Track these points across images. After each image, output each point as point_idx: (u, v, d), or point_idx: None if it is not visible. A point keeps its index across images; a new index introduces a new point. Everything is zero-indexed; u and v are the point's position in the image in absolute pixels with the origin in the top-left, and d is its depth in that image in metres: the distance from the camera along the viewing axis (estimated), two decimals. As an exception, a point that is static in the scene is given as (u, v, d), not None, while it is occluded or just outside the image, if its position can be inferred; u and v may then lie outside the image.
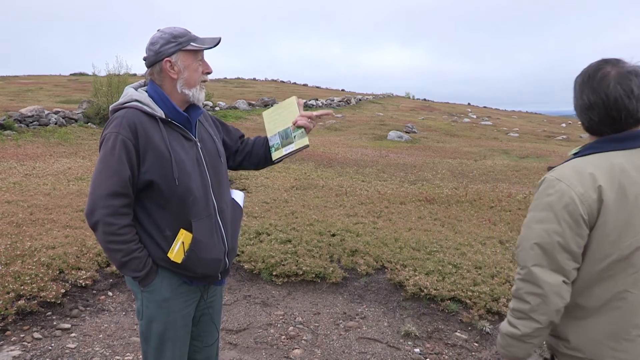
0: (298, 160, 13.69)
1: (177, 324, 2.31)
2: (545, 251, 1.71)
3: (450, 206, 8.59)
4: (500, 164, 15.66)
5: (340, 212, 7.64)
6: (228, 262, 2.39)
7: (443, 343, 4.28)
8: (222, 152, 2.44)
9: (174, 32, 2.19)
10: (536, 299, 1.71)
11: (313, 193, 9.22)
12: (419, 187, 10.67)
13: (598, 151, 1.75)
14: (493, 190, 10.44)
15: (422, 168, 13.85)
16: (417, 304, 4.82)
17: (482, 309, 4.57)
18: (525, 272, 1.74)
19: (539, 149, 22.66)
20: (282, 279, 5.21)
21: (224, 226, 2.34)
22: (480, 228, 7.12)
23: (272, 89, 46.91)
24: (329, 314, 4.71)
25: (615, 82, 1.69)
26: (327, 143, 18.96)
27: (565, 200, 1.68)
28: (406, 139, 22.56)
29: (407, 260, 5.44)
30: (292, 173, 11.60)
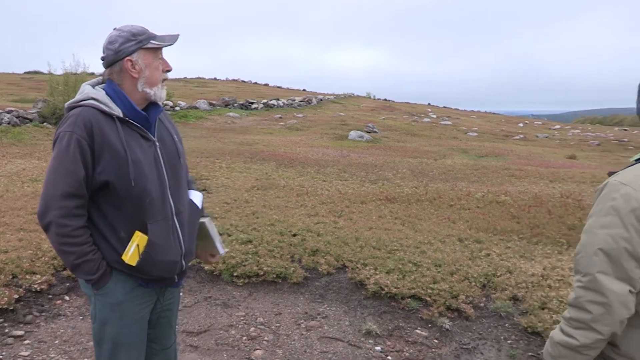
0: (259, 161, 13.64)
1: (131, 327, 2.27)
2: (611, 258, 1.60)
3: (410, 205, 8.68)
4: (460, 163, 15.88)
5: (302, 212, 7.64)
6: (185, 264, 2.35)
7: (404, 340, 4.33)
8: (181, 152, 2.40)
9: (133, 30, 2.15)
10: (599, 308, 1.61)
11: (274, 193, 9.19)
12: (380, 187, 10.75)
13: None
14: (452, 189, 10.59)
15: (382, 167, 13.95)
16: (378, 302, 4.86)
17: (441, 306, 4.63)
18: (588, 279, 1.64)
19: (497, 148, 23.07)
20: (243, 280, 5.18)
21: (181, 228, 2.30)
22: (440, 226, 7.22)
23: (233, 88, 46.59)
24: (291, 314, 4.71)
25: None
26: (288, 143, 18.93)
27: (633, 204, 1.59)
28: (367, 138, 22.68)
29: (368, 259, 5.48)
30: (253, 173, 11.54)
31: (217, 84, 52.26)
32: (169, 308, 2.48)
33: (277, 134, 23.16)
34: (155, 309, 2.40)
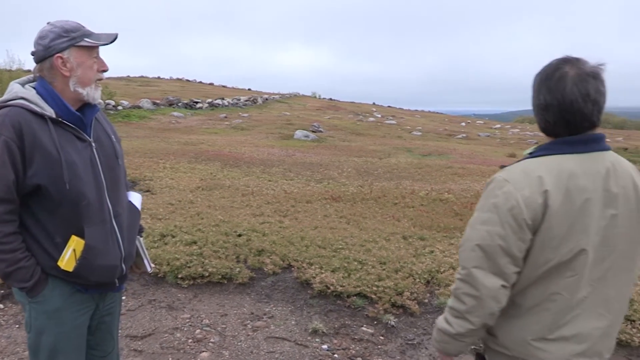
0: (204, 161, 13.47)
1: (69, 335, 2.18)
2: (487, 254, 1.67)
3: (355, 204, 8.74)
4: (404, 162, 16.10)
5: (247, 212, 7.59)
6: (125, 268, 2.28)
7: (350, 338, 4.35)
8: (120, 153, 2.32)
9: (66, 26, 2.05)
10: (472, 300, 1.70)
11: (219, 193, 9.10)
12: (325, 186, 10.79)
13: (550, 153, 1.71)
14: (397, 188, 10.73)
15: (328, 167, 14.01)
16: (324, 301, 4.87)
17: (387, 303, 4.68)
18: (465, 272, 1.71)
19: (441, 146, 23.52)
20: (188, 282, 5.10)
21: (120, 231, 2.22)
22: (385, 224, 7.30)
23: (178, 88, 45.91)
24: (237, 314, 4.66)
25: (572, 84, 1.64)
26: (233, 143, 18.79)
27: (511, 203, 1.64)
28: (312, 138, 22.72)
29: (314, 258, 5.48)
30: (197, 173, 11.39)
31: (161, 83, 51.37)
32: (110, 313, 2.41)
33: (222, 134, 22.96)
34: (96, 314, 2.32)
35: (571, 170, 1.66)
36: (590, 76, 1.65)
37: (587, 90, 1.64)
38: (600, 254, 1.70)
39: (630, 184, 1.73)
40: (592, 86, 1.64)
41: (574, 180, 1.65)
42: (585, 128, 1.69)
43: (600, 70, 1.67)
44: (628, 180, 1.73)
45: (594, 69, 1.66)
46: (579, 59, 1.68)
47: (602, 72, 1.67)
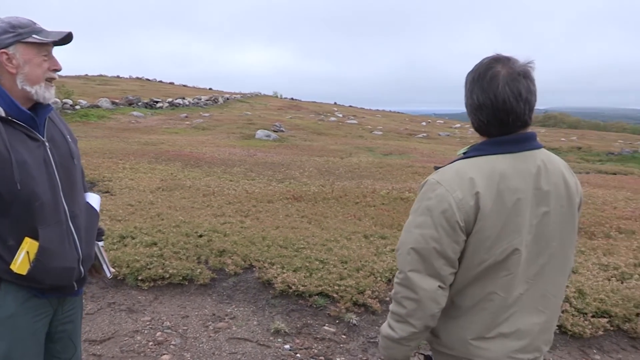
0: (164, 161, 13.31)
1: (25, 342, 2.08)
2: (422, 257, 1.67)
3: (317, 203, 8.75)
4: (365, 161, 16.20)
5: (208, 212, 7.52)
6: (83, 270, 2.20)
7: (312, 337, 4.34)
8: (75, 153, 2.23)
9: (14, 21, 1.97)
10: (412, 304, 1.70)
11: (180, 194, 8.99)
12: (287, 186, 10.78)
13: (483, 153, 1.72)
14: (358, 187, 10.78)
15: (289, 166, 14.00)
16: (286, 300, 4.85)
17: (348, 302, 4.69)
18: (403, 276, 1.71)
19: (402, 146, 23.76)
20: (149, 284, 5.02)
21: (77, 232, 2.14)
22: (346, 224, 7.33)
23: (138, 87, 45.23)
24: (198, 316, 4.61)
25: (504, 84, 1.63)
26: (194, 142, 18.60)
27: (444, 206, 1.64)
28: (274, 137, 22.69)
29: (275, 258, 5.46)
30: (158, 174, 11.24)
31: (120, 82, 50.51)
32: (71, 320, 2.31)
33: (183, 134, 22.72)
34: (55, 320, 2.23)
35: (502, 171, 1.66)
36: (522, 75, 1.65)
37: (518, 89, 1.64)
38: (534, 252, 1.73)
39: (561, 181, 1.76)
40: (524, 85, 1.65)
41: (506, 181, 1.66)
42: (517, 127, 1.70)
43: (530, 69, 1.68)
44: (559, 177, 1.76)
45: (524, 68, 1.66)
46: (510, 58, 1.68)
47: (532, 70, 1.69)
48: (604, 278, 5.45)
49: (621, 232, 7.82)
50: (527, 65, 1.68)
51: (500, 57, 1.69)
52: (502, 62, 1.67)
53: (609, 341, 4.51)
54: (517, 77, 1.64)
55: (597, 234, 7.72)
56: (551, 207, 1.73)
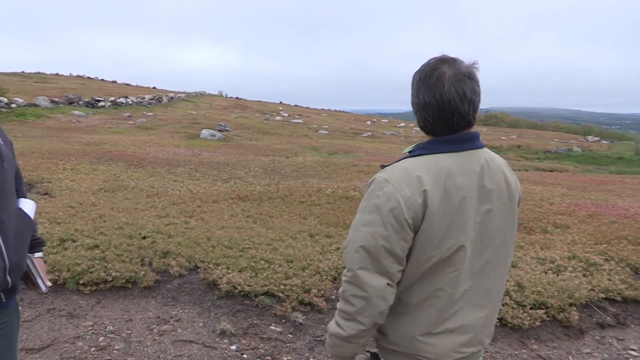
0: (107, 161, 12.97)
1: None
2: (371, 254, 1.67)
3: (262, 203, 8.71)
4: (311, 160, 16.24)
5: (152, 213, 7.36)
6: (11, 280, 2.02)
7: (259, 337, 4.32)
8: (5, 155, 2.06)
9: None
10: (361, 301, 1.69)
11: (123, 195, 8.77)
12: (232, 185, 10.68)
13: (429, 152, 1.73)
14: (304, 186, 10.79)
15: (235, 166, 13.88)
16: (232, 301, 4.81)
17: (294, 301, 4.69)
18: (351, 274, 1.70)
19: (347, 145, 23.94)
20: (90, 287, 4.87)
21: (5, 240, 1.97)
22: (291, 223, 7.32)
23: (78, 85, 43.90)
24: (142, 319, 4.52)
25: (449, 84, 1.65)
26: (137, 142, 18.21)
27: (392, 204, 1.64)
28: (219, 137, 22.49)
29: (220, 259, 5.40)
30: (100, 175, 10.94)
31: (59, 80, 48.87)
32: (3, 334, 2.13)
33: (126, 133, 22.21)
34: None
35: (448, 170, 1.68)
36: (466, 76, 1.67)
37: (463, 90, 1.66)
38: (478, 248, 1.77)
39: (503, 179, 1.81)
40: (468, 86, 1.67)
41: (451, 179, 1.68)
42: (462, 127, 1.72)
43: (474, 70, 1.71)
44: (500, 176, 1.80)
45: (469, 69, 1.69)
46: (455, 59, 1.71)
47: (477, 71, 1.72)
48: (541, 271, 5.66)
49: (557, 227, 8.12)
50: (471, 66, 1.71)
51: (446, 58, 1.71)
52: (448, 63, 1.69)
53: (546, 331, 4.69)
54: (462, 78, 1.66)
55: (535, 229, 7.98)
56: (494, 205, 1.77)
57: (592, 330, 4.81)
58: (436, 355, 1.79)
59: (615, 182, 16.10)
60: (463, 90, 1.66)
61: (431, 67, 1.70)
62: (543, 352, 4.40)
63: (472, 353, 1.85)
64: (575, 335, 4.71)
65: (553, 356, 4.35)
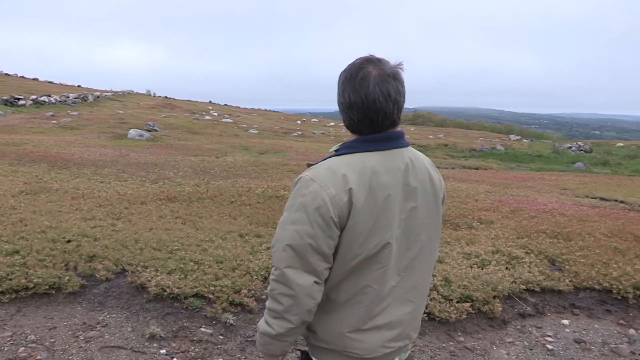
0: (28, 162, 12.38)
1: None
2: (298, 253, 1.67)
3: (191, 203, 8.55)
4: (241, 160, 16.11)
5: (77, 216, 7.07)
6: None
7: (189, 340, 4.24)
8: None
9: None
10: (288, 300, 1.69)
11: (46, 197, 8.37)
12: (161, 186, 10.43)
13: (354, 151, 1.74)
14: (234, 186, 10.68)
15: (163, 166, 13.57)
16: (161, 304, 4.68)
17: (225, 302, 4.63)
18: (278, 273, 1.70)
19: (277, 144, 23.90)
20: (10, 296, 4.60)
21: None
22: (221, 223, 7.22)
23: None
24: (67, 326, 4.32)
25: (374, 84, 1.66)
26: (62, 143, 17.48)
27: (318, 202, 1.64)
28: (147, 137, 21.95)
29: (149, 261, 5.25)
30: (21, 176, 10.42)
31: (-27, 77, 46.29)
32: None
33: (49, 133, 21.28)
34: None
35: (374, 168, 1.70)
36: (391, 77, 1.69)
37: (388, 90, 1.68)
38: (404, 245, 1.80)
39: (427, 178, 1.85)
40: (393, 86, 1.69)
41: (377, 178, 1.69)
42: (387, 126, 1.73)
43: (399, 71, 1.73)
44: (425, 174, 1.84)
45: (394, 70, 1.70)
46: (381, 59, 1.72)
47: (401, 72, 1.74)
48: (467, 266, 5.84)
49: (482, 223, 8.40)
50: (396, 67, 1.72)
51: (372, 58, 1.72)
52: (374, 63, 1.70)
53: (471, 323, 4.85)
54: (387, 78, 1.67)
55: (461, 225, 8.22)
56: (419, 203, 1.80)
57: (514, 320, 5.02)
58: (365, 351, 1.81)
59: (535, 179, 16.84)
60: (387, 91, 1.67)
61: (357, 67, 1.71)
62: (469, 343, 4.55)
63: (399, 347, 1.89)
64: (499, 325, 4.90)
65: (478, 347, 4.50)
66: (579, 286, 5.64)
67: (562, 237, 7.44)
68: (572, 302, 5.45)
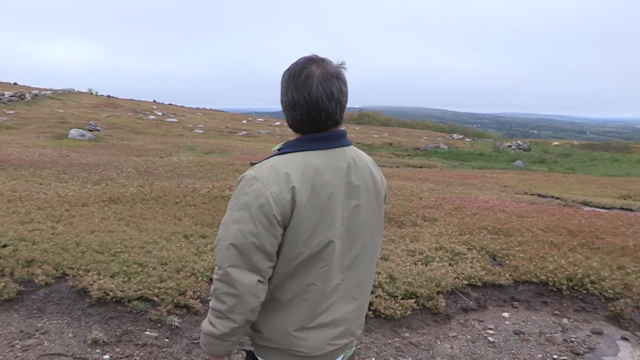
0: (-39, 164, 11.85)
1: None
2: (241, 252, 1.64)
3: (135, 205, 8.35)
4: (186, 160, 15.90)
5: (14, 219, 6.77)
6: None
7: (133, 344, 4.12)
8: None
9: None
10: (232, 299, 1.66)
11: (-20, 201, 8.03)
12: (103, 187, 10.15)
13: (297, 150, 1.73)
14: (178, 186, 10.52)
15: (106, 167, 13.23)
16: (104, 308, 4.54)
17: (170, 304, 4.53)
18: (222, 272, 1.66)
19: (223, 144, 23.70)
20: (-62, 305, 4.39)
21: None
22: (166, 224, 7.08)
23: None
24: (3, 335, 4.12)
25: (317, 83, 1.66)
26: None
27: (261, 201, 1.63)
28: (89, 137, 21.39)
29: (91, 265, 5.08)
30: (-48, 179, 9.97)
31: None
32: None
33: (-16, 134, 20.43)
34: None
35: (317, 167, 1.70)
36: (334, 76, 1.69)
37: (331, 89, 1.68)
38: (347, 243, 1.80)
39: (369, 176, 1.86)
40: (336, 86, 1.69)
41: (319, 176, 1.69)
42: (329, 125, 1.74)
43: (342, 70, 1.74)
44: (367, 173, 1.85)
45: (336, 70, 1.71)
46: (324, 59, 1.72)
47: (344, 72, 1.74)
48: (412, 262, 5.93)
49: (426, 220, 8.55)
50: (339, 66, 1.73)
51: (315, 57, 1.72)
52: (317, 63, 1.70)
53: (416, 319, 4.94)
54: (330, 78, 1.68)
55: (405, 222, 8.34)
56: (361, 201, 1.81)
57: (457, 315, 5.14)
58: (310, 349, 1.80)
59: (477, 177, 17.30)
60: (330, 90, 1.68)
61: (300, 66, 1.71)
62: (414, 339, 4.62)
63: (344, 344, 1.89)
64: (443, 320, 5.00)
65: (423, 342, 4.58)
66: (518, 280, 5.84)
67: (503, 233, 7.67)
68: (512, 295, 5.64)
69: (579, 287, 5.65)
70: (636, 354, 4.56)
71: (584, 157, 33.92)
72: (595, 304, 5.47)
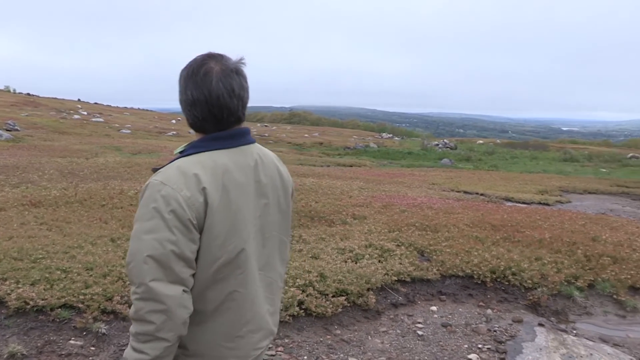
0: None
1: None
2: (161, 263, 1.52)
3: (58, 208, 8.00)
4: (113, 161, 15.44)
5: None
6: None
7: (56, 355, 3.93)
8: None
9: None
10: (161, 316, 1.52)
11: None
12: (23, 191, 9.66)
13: (203, 150, 1.67)
14: (105, 188, 10.16)
15: (26, 169, 12.61)
16: (24, 319, 4.29)
17: (96, 311, 4.37)
18: (143, 289, 1.52)
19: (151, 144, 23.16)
20: None
21: None
22: (91, 228, 6.82)
23: None
24: None
25: (217, 80, 1.62)
26: None
27: (173, 206, 1.54)
28: (7, 137, 20.41)
29: (8, 273, 4.80)
30: None
31: None
32: None
33: None
34: None
35: (225, 166, 1.65)
36: (234, 72, 1.66)
37: (231, 85, 1.64)
38: (260, 243, 1.77)
39: (276, 173, 1.84)
40: (236, 82, 1.66)
41: (229, 176, 1.65)
42: (232, 123, 1.70)
43: (241, 66, 1.70)
44: (274, 170, 1.83)
45: (236, 65, 1.68)
46: (223, 55, 1.68)
47: (244, 68, 1.71)
48: (342, 260, 5.99)
49: (355, 218, 8.65)
50: (239, 62, 1.69)
51: (213, 54, 1.68)
52: (216, 59, 1.66)
53: (347, 316, 5.00)
54: (229, 74, 1.64)
55: (335, 221, 8.39)
56: (270, 199, 1.79)
57: (387, 311, 5.25)
58: (239, 358, 1.76)
59: (405, 175, 17.67)
60: (231, 86, 1.64)
61: (198, 63, 1.66)
62: (346, 335, 4.65)
63: (265, 346, 1.87)
64: (373, 316, 5.09)
65: (354, 338, 4.62)
66: (445, 274, 6.06)
67: (430, 229, 7.86)
68: (440, 289, 5.82)
69: (502, 278, 5.97)
70: (550, 337, 4.84)
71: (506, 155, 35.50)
72: (516, 294, 5.79)
